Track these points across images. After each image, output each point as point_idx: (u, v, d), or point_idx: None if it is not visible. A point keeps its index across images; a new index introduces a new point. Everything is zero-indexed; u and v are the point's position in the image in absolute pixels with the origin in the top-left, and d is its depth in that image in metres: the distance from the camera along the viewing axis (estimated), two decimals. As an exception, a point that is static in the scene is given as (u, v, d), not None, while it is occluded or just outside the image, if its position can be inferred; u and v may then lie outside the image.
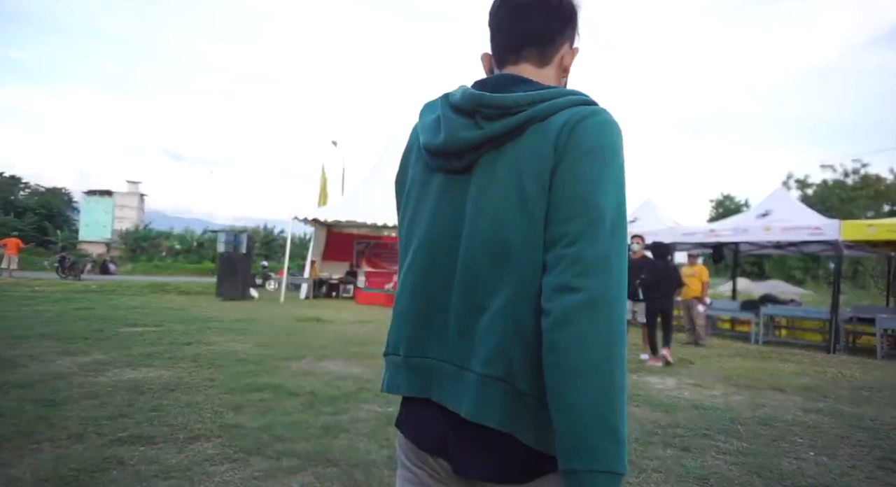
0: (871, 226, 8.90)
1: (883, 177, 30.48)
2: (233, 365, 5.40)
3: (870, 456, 3.49)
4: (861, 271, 32.99)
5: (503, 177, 0.86)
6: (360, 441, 3.32)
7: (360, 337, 7.88)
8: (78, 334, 6.78)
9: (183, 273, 31.38)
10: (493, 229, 0.85)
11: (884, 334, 8.72)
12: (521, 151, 0.85)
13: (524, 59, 0.97)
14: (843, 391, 5.61)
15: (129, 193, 55.76)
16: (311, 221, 15.94)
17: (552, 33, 0.96)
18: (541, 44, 0.96)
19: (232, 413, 3.74)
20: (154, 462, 2.83)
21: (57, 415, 3.49)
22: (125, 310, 10.04)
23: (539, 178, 0.82)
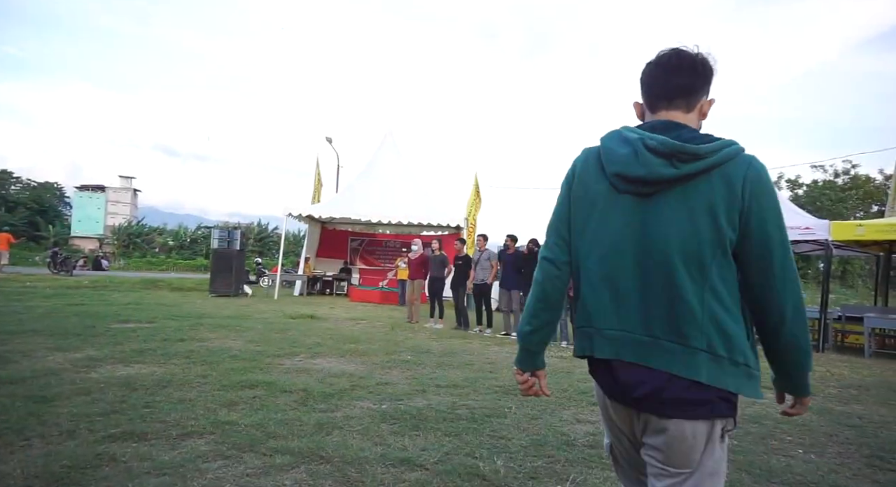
0: (861, 226, 8.99)
1: (872, 178, 30.76)
2: (226, 361, 5.39)
3: (857, 454, 3.54)
4: (850, 271, 33.30)
5: (695, 206, 1.22)
6: (353, 438, 3.33)
7: (354, 335, 7.88)
8: (70, 330, 6.74)
9: (176, 269, 31.20)
10: (687, 242, 1.22)
11: (872, 333, 8.82)
12: (712, 189, 1.22)
13: (674, 107, 1.34)
14: (831, 389, 5.68)
15: (122, 188, 55.38)
16: (306, 218, 15.90)
17: (696, 88, 1.33)
18: (687, 96, 1.33)
19: (225, 410, 3.74)
20: (146, 459, 2.82)
21: (48, 412, 3.48)
22: (118, 306, 9.98)
23: (730, 215, 1.21)
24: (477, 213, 15.27)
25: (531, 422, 3.86)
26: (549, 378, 5.70)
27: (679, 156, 1.22)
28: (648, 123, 1.35)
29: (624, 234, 1.29)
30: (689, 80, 1.33)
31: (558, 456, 3.18)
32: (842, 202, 29.38)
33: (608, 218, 1.32)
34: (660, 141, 1.25)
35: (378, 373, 5.28)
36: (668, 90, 1.34)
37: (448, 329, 9.43)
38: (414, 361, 6.03)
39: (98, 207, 51.99)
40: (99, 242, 42.18)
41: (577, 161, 1.43)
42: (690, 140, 1.25)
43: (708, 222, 1.21)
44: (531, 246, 8.80)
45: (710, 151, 1.22)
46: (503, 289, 9.22)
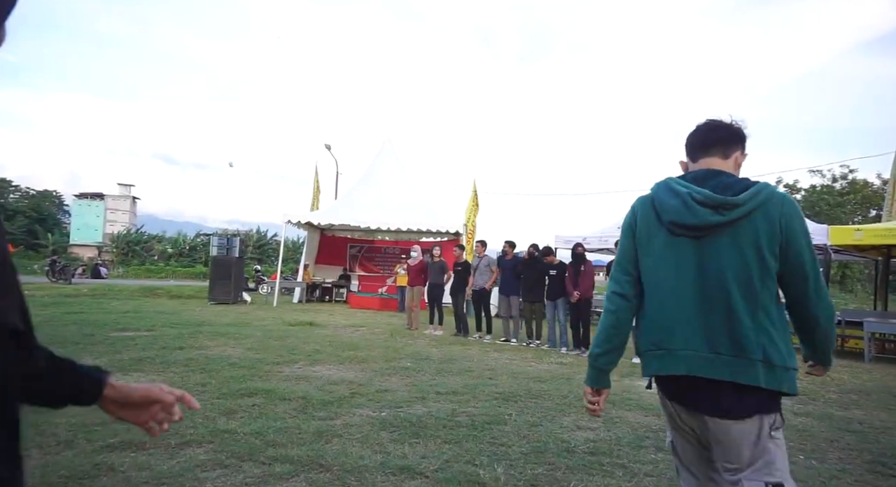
0: (859, 230, 9.01)
1: (870, 183, 30.85)
2: (225, 369, 5.37)
3: (859, 460, 3.53)
4: (849, 275, 33.30)
5: (743, 243, 1.50)
6: (353, 446, 3.31)
7: (354, 342, 7.86)
8: (69, 338, 6.72)
9: (175, 276, 31.16)
10: (739, 272, 1.49)
11: (871, 338, 8.81)
12: (756, 228, 1.49)
13: (712, 154, 1.65)
14: (831, 394, 5.66)
15: (121, 196, 55.34)
16: (305, 225, 15.90)
17: (731, 141, 1.65)
18: (723, 145, 1.64)
19: (224, 419, 3.73)
20: (145, 469, 2.81)
21: (46, 421, 3.46)
22: (116, 314, 9.95)
23: (771, 247, 1.49)
24: (475, 219, 15.28)
25: (531, 429, 3.85)
26: (549, 384, 5.70)
27: (725, 206, 1.51)
28: (692, 173, 1.65)
29: (685, 270, 1.57)
30: (725, 133, 1.66)
31: (559, 464, 3.17)
32: (840, 206, 29.44)
33: (669, 257, 1.61)
34: (705, 195, 1.53)
35: (377, 380, 5.26)
36: (706, 141, 1.67)
37: (447, 335, 9.41)
38: (413, 368, 6.01)
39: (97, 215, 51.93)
40: (98, 250, 42.13)
41: (635, 209, 1.72)
42: (731, 186, 1.55)
43: (754, 255, 1.50)
44: (531, 251, 8.81)
45: (748, 199, 1.50)
46: (502, 295, 9.22)
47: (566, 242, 11.53)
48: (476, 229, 15.14)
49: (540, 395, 4.94)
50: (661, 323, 1.61)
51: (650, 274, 1.65)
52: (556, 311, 8.41)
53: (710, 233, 1.53)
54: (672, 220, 1.58)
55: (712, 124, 1.68)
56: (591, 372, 1.73)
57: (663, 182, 1.67)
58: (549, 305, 8.49)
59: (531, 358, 7.22)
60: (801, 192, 32.84)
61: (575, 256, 8.32)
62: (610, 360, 1.72)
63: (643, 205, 1.69)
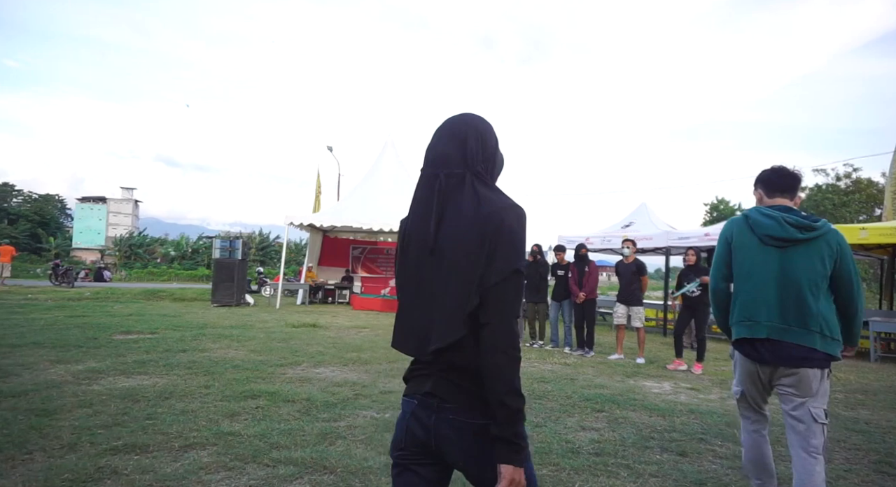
0: (864, 229, 8.96)
1: (875, 181, 30.74)
2: (228, 372, 5.37)
3: (865, 460, 3.50)
4: (854, 274, 33.09)
5: (813, 256, 2.26)
6: (357, 447, 3.31)
7: (357, 343, 7.85)
8: (72, 342, 6.73)
9: (178, 279, 31.22)
10: (810, 275, 2.25)
11: (877, 337, 8.76)
12: (821, 247, 2.26)
13: (785, 196, 2.43)
14: (837, 394, 5.63)
15: (124, 200, 55.46)
16: (307, 227, 15.91)
17: (796, 187, 2.44)
18: (793, 191, 2.43)
19: (227, 421, 3.72)
20: (148, 471, 2.80)
21: (50, 425, 3.46)
22: (119, 318, 9.97)
23: (828, 262, 2.26)
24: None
25: (535, 430, 3.83)
26: (553, 384, 5.66)
27: (807, 228, 2.30)
28: (776, 207, 2.39)
29: (770, 269, 2.34)
30: (794, 182, 2.45)
31: (563, 464, 3.15)
32: (845, 206, 29.33)
33: (759, 259, 2.37)
34: (794, 220, 2.32)
35: (381, 382, 5.25)
36: (783, 186, 2.44)
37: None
38: (417, 369, 5.99)
39: (99, 219, 52.04)
40: (100, 253, 42.25)
41: (732, 226, 2.50)
42: (810, 219, 2.32)
43: (820, 264, 2.28)
44: (535, 252, 8.78)
45: (821, 226, 2.30)
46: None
47: (569, 243, 11.50)
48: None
49: (544, 396, 4.93)
50: (750, 303, 2.37)
51: (744, 270, 2.41)
52: (561, 312, 8.39)
53: (792, 246, 2.32)
54: (767, 234, 2.34)
55: (786, 172, 2.45)
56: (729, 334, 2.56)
57: (754, 209, 2.44)
58: (554, 305, 8.47)
59: (535, 359, 7.20)
60: (805, 191, 32.75)
61: (578, 257, 8.29)
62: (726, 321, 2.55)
63: (738, 224, 2.48)
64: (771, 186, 2.45)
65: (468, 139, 1.29)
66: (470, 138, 1.30)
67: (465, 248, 1.19)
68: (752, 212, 2.42)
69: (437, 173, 1.27)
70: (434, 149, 1.32)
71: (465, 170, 1.26)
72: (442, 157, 1.29)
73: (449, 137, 1.31)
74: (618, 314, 7.68)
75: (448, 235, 1.22)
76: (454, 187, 1.25)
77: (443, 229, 1.23)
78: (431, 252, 1.23)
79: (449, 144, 1.30)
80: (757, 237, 2.37)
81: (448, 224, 1.23)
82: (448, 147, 1.30)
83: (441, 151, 1.30)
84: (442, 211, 1.24)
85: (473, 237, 1.19)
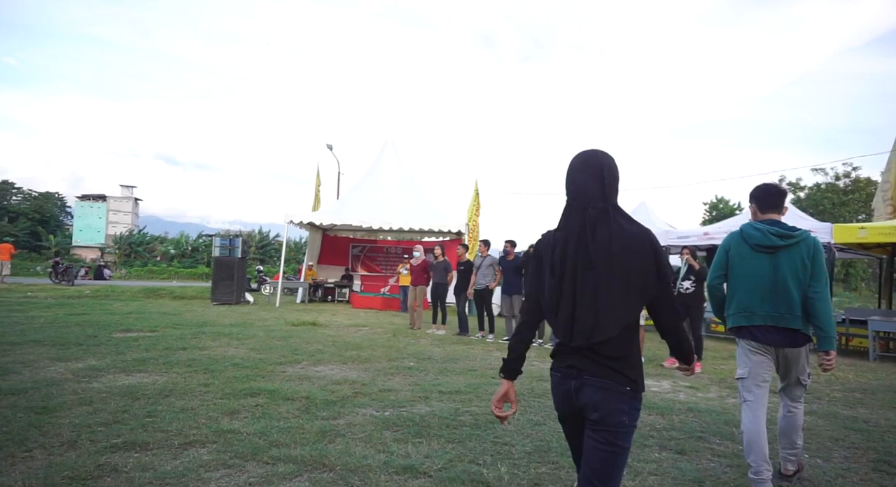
0: (863, 228, 8.97)
1: (874, 180, 30.72)
2: (228, 369, 5.38)
3: (864, 459, 3.51)
4: (853, 273, 33.15)
5: (795, 258, 2.83)
6: (356, 445, 3.31)
7: (356, 341, 7.86)
8: (72, 340, 6.73)
9: (177, 277, 31.21)
10: (793, 276, 2.82)
11: (876, 336, 8.77)
12: (800, 251, 2.83)
13: (774, 211, 2.99)
14: (836, 393, 5.64)
15: (124, 198, 55.42)
16: (307, 225, 15.91)
17: (783, 203, 3.02)
18: (780, 206, 3.00)
19: (227, 419, 3.73)
20: (148, 469, 2.81)
21: (50, 422, 3.47)
22: (119, 316, 9.98)
23: (805, 264, 2.82)
24: (477, 219, 15.27)
25: (534, 428, 3.84)
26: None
27: (786, 237, 2.87)
28: (765, 222, 2.96)
29: (763, 270, 2.89)
30: (781, 200, 3.03)
31: (562, 463, 3.16)
32: (844, 205, 29.33)
33: (753, 263, 2.93)
34: (775, 231, 2.89)
35: (380, 380, 5.26)
36: (773, 203, 3.00)
37: (450, 335, 9.40)
38: (416, 367, 6.01)
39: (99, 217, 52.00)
40: (100, 251, 42.24)
41: (731, 238, 3.06)
42: (789, 229, 2.89)
43: (801, 266, 2.82)
44: (531, 251, 8.79)
45: (798, 235, 2.86)
46: (504, 295, 9.20)
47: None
48: (478, 229, 15.13)
49: (543, 394, 4.93)
50: (747, 298, 2.93)
51: (742, 272, 2.96)
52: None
53: (777, 251, 2.87)
54: (756, 243, 2.91)
55: (774, 191, 3.04)
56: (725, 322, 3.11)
57: (748, 225, 3.00)
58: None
59: (534, 357, 7.21)
60: (804, 190, 32.73)
61: None
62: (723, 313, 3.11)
63: (735, 237, 3.03)
64: (763, 203, 3.03)
65: (603, 175, 1.68)
66: (605, 174, 1.68)
67: (618, 266, 1.60)
68: (746, 226, 3.03)
69: (586, 207, 1.66)
70: (574, 183, 1.71)
71: (606, 204, 1.66)
72: (585, 193, 1.68)
73: (587, 173, 1.69)
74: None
75: (600, 253, 1.61)
76: (600, 218, 1.64)
77: (591, 249, 1.62)
78: (584, 266, 1.62)
79: (588, 180, 1.68)
80: (749, 246, 2.95)
81: (599, 245, 1.62)
82: (588, 183, 1.68)
83: (582, 187, 1.69)
84: (594, 236, 1.62)
85: (625, 256, 1.60)
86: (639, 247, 1.61)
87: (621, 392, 1.62)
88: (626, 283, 1.60)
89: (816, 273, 2.82)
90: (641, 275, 1.60)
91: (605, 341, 1.61)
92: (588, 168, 1.70)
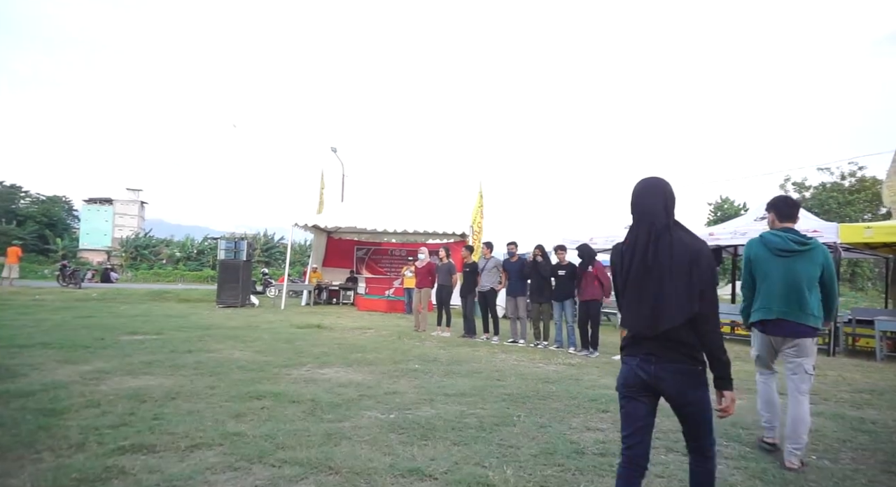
0: (869, 228, 8.92)
1: (880, 180, 30.50)
2: (234, 372, 5.40)
3: (872, 460, 3.48)
4: (859, 273, 32.92)
5: (807, 262, 3.36)
6: (361, 448, 3.32)
7: (361, 344, 7.87)
8: (79, 343, 6.78)
9: (183, 280, 31.34)
10: (808, 276, 3.35)
11: (883, 336, 8.71)
12: (813, 256, 3.37)
13: (791, 221, 3.52)
14: (843, 394, 5.60)
15: (130, 201, 55.74)
16: (312, 228, 15.95)
17: (797, 213, 3.60)
18: (795, 217, 3.56)
19: (233, 421, 3.74)
20: (155, 471, 2.82)
21: (58, 425, 3.49)
22: (126, 318, 10.03)
23: (818, 267, 3.38)
24: (481, 221, 15.27)
25: (540, 431, 3.83)
26: (557, 385, 5.66)
27: (802, 243, 3.35)
28: (782, 229, 3.46)
29: (780, 272, 3.37)
30: (797, 211, 3.57)
31: (568, 465, 3.15)
32: (850, 205, 29.13)
33: (772, 266, 3.40)
34: (793, 238, 3.37)
35: (386, 383, 5.26)
36: (789, 214, 3.52)
37: (455, 337, 9.40)
38: (421, 370, 6.01)
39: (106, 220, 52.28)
40: (107, 254, 42.47)
41: (752, 244, 3.52)
42: (804, 237, 3.38)
43: (815, 269, 3.33)
44: (537, 253, 8.77)
45: (811, 242, 3.36)
46: (509, 296, 9.19)
47: (572, 243, 11.48)
48: (482, 230, 15.13)
49: (549, 396, 4.93)
50: (767, 296, 3.40)
51: (762, 273, 3.44)
52: (563, 312, 8.38)
53: (793, 256, 3.36)
54: (776, 247, 3.40)
55: (790, 203, 3.60)
56: (745, 320, 3.66)
57: (769, 232, 3.50)
58: (557, 306, 8.46)
59: (539, 360, 7.20)
60: (809, 190, 32.53)
61: (585, 257, 8.25)
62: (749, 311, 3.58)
63: (756, 243, 3.50)
64: (780, 214, 3.54)
65: (666, 197, 2.11)
66: (667, 197, 2.11)
67: (680, 269, 1.99)
68: (766, 234, 3.51)
69: (653, 222, 2.07)
70: (641, 205, 2.12)
71: (667, 221, 2.07)
72: (650, 212, 2.09)
73: (651, 196, 2.12)
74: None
75: (664, 260, 2.01)
76: (663, 231, 2.05)
77: (659, 257, 2.02)
78: (650, 270, 2.03)
79: (652, 201, 2.10)
80: (769, 250, 3.42)
81: (662, 253, 2.01)
82: (652, 203, 2.10)
83: (648, 207, 2.10)
84: (656, 246, 2.03)
85: (686, 262, 1.99)
86: (694, 255, 2.00)
87: (693, 370, 2.03)
88: (686, 283, 1.98)
89: (828, 276, 3.41)
90: (697, 276, 1.98)
91: (674, 330, 1.98)
92: (652, 191, 2.13)
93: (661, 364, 2.03)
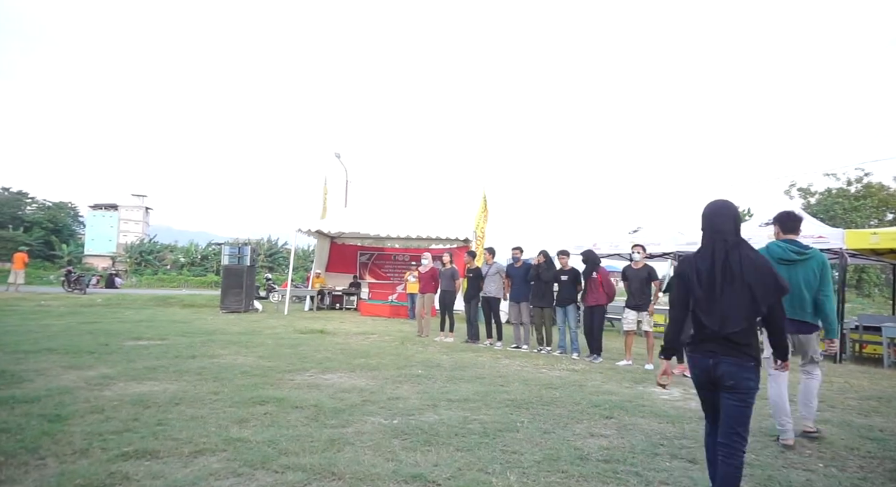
0: (875, 234, 8.87)
1: (886, 186, 30.39)
2: (237, 378, 5.40)
3: (880, 468, 3.45)
4: (865, 280, 32.72)
5: (808, 270, 3.94)
6: (365, 453, 3.31)
7: (364, 349, 7.87)
8: (84, 348, 6.80)
9: (187, 286, 31.44)
10: (808, 282, 3.92)
11: (890, 343, 8.63)
12: (812, 264, 3.94)
13: (794, 233, 4.07)
14: (851, 401, 5.55)
15: (134, 207, 56.03)
16: (315, 233, 16.00)
17: (799, 226, 4.13)
18: (798, 229, 4.09)
19: (236, 427, 3.74)
20: (159, 477, 2.82)
21: (62, 430, 3.50)
22: (130, 324, 10.06)
23: (815, 274, 3.93)
24: (485, 226, 15.28)
25: (544, 437, 3.82)
26: (561, 391, 5.64)
27: (801, 253, 3.92)
28: (784, 240, 3.99)
29: (788, 279, 3.57)
30: (799, 224, 4.09)
31: (572, 471, 3.14)
32: (856, 211, 28.99)
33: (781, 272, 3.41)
34: (793, 248, 3.93)
35: (389, 388, 5.25)
36: (793, 227, 4.04)
37: (458, 342, 9.38)
38: (425, 375, 6.00)
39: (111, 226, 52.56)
40: (112, 260, 42.67)
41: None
42: (803, 247, 3.95)
43: (814, 275, 3.90)
44: (541, 259, 8.76)
45: (810, 252, 3.94)
46: (513, 302, 9.17)
47: (576, 248, 11.46)
48: (485, 236, 15.13)
49: (552, 402, 4.91)
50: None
51: None
52: (566, 317, 8.35)
53: (794, 264, 3.87)
54: (779, 257, 3.86)
55: (793, 217, 4.06)
56: None
57: (774, 243, 4.00)
58: (560, 311, 8.44)
59: (542, 365, 7.18)
60: (815, 196, 32.40)
61: (590, 263, 8.23)
62: None
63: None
64: (784, 227, 4.05)
65: (735, 218, 2.53)
66: (736, 218, 2.54)
67: (748, 280, 2.38)
68: (771, 244, 4.01)
69: (725, 239, 2.48)
70: (714, 224, 2.53)
71: (737, 239, 2.49)
72: (722, 230, 2.50)
73: (723, 216, 2.53)
74: (627, 320, 7.63)
75: (735, 271, 2.40)
76: (732, 247, 2.46)
77: (730, 268, 2.42)
78: (724, 280, 2.42)
79: (723, 221, 2.52)
80: (773, 259, 3.73)
81: (734, 266, 2.41)
82: (723, 223, 2.51)
83: (719, 226, 2.52)
84: (727, 259, 2.44)
85: (752, 276, 2.39)
86: (759, 270, 2.40)
87: (749, 365, 2.40)
88: (750, 293, 2.37)
89: (824, 281, 3.89)
90: (761, 288, 2.37)
91: (736, 332, 2.38)
92: (724, 212, 2.55)
93: (720, 357, 2.42)
